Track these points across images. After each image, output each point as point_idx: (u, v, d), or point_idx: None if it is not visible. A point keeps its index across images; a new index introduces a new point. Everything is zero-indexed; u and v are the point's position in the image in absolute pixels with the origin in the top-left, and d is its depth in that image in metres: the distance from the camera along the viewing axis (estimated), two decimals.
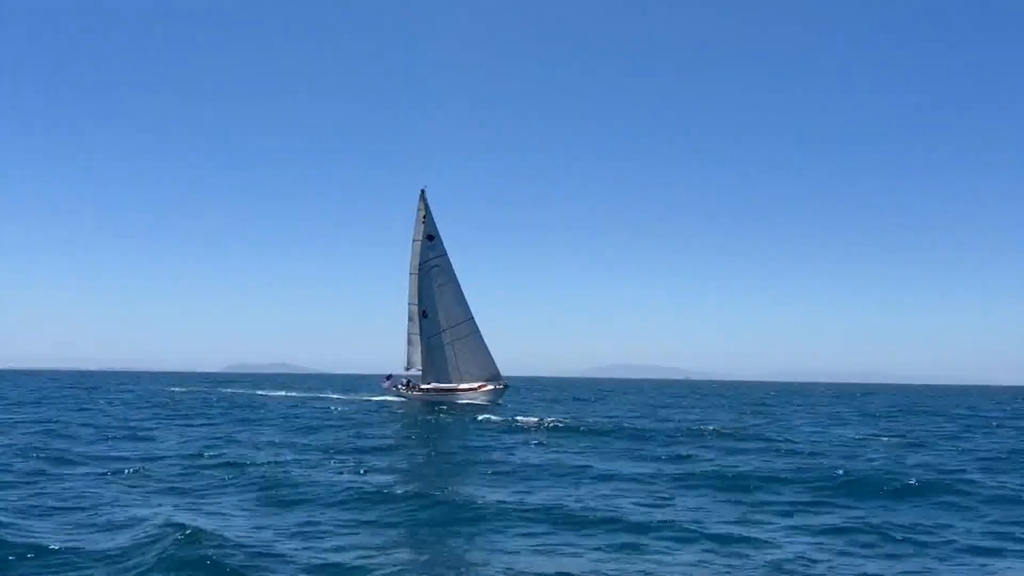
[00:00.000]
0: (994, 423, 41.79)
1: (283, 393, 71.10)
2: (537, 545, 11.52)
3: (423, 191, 54.58)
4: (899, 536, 12.21)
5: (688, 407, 58.15)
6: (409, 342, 54.82)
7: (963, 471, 19.72)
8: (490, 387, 51.47)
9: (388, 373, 58.75)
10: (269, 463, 19.37)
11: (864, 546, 11.71)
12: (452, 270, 53.84)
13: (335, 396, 65.04)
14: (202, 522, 12.18)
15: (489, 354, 52.89)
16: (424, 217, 54.17)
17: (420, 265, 53.87)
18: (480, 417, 37.55)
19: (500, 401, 51.67)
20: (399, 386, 55.83)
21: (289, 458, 20.57)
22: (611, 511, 13.73)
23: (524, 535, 12.11)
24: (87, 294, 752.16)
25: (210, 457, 20.46)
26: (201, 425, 32.60)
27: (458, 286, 53.71)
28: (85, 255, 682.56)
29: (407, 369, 55.37)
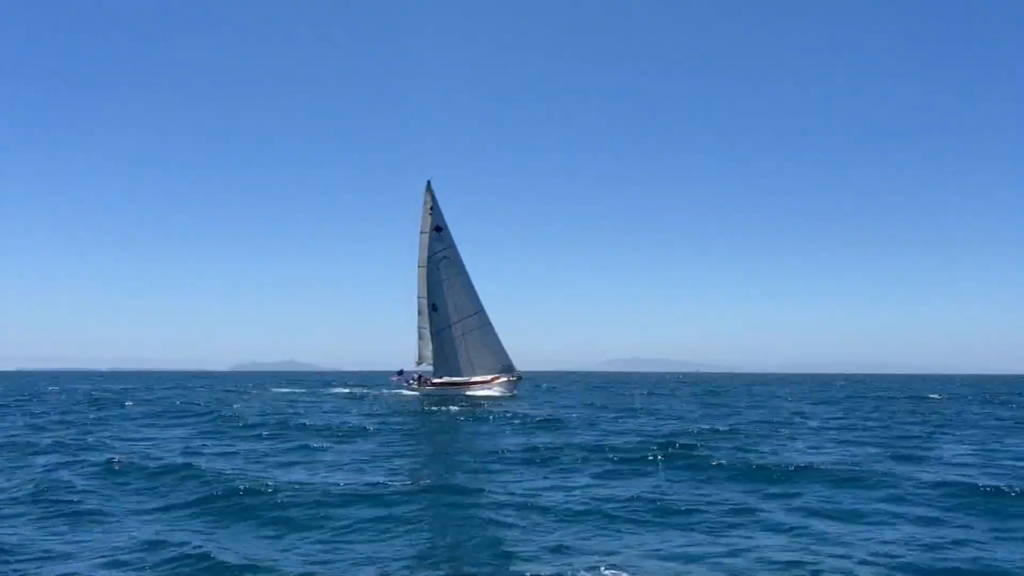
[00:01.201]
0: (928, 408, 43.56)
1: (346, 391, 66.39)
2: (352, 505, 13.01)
3: (429, 182, 53.52)
4: (664, 505, 12.98)
5: (647, 395, 59.64)
6: (419, 336, 53.73)
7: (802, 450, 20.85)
8: (504, 379, 50.53)
9: (399, 369, 57.70)
10: None
11: (621, 508, 12.71)
12: (461, 262, 52.78)
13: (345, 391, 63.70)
14: None
15: (501, 346, 51.86)
16: (431, 209, 53.11)
17: (428, 258, 52.82)
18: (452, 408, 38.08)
19: (515, 392, 50.78)
20: (410, 381, 54.74)
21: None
22: (437, 478, 15.80)
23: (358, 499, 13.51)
24: (95, 296, 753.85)
25: None
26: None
27: (467, 278, 52.63)
28: (92, 257, 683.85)
29: (418, 364, 54.30)
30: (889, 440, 23.53)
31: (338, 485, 14.48)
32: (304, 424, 28.28)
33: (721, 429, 26.34)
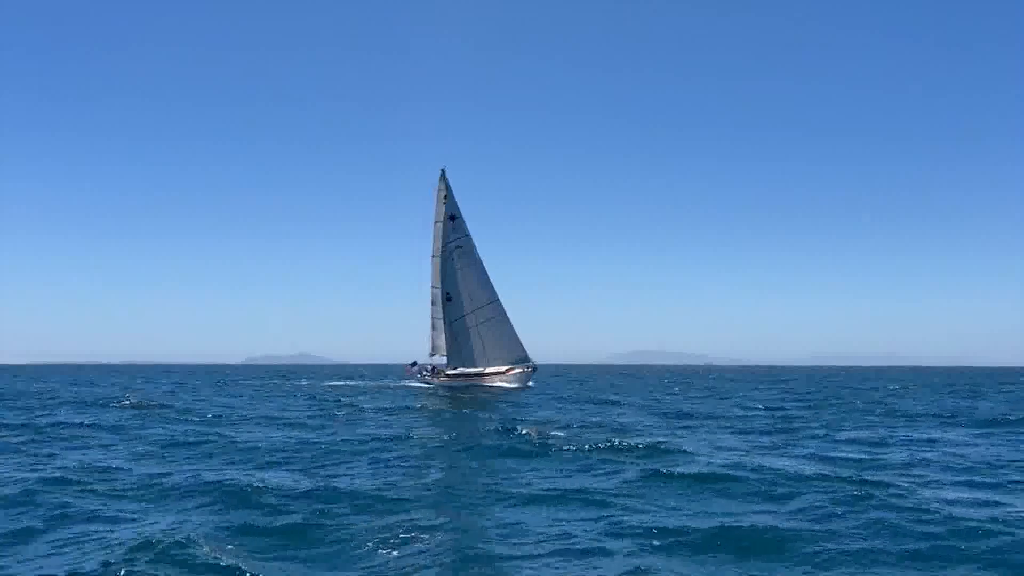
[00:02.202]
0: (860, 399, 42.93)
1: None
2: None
3: (443, 171, 52.73)
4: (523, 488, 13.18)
5: (614, 387, 60.85)
6: (433, 327, 52.89)
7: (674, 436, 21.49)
8: (518, 370, 49.72)
9: (413, 360, 56.96)
10: None
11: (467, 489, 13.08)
12: (476, 251, 51.91)
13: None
14: None
15: (516, 336, 51.05)
16: (445, 197, 52.25)
17: (442, 247, 51.98)
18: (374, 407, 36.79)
19: (530, 384, 49.99)
20: (424, 372, 53.96)
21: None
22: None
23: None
24: (108, 289, 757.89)
25: None
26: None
27: (482, 267, 51.77)
28: (106, 252, 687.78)
29: (431, 355, 53.45)
30: (788, 429, 23.94)
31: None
32: (248, 416, 28.13)
33: (640, 418, 27.53)
